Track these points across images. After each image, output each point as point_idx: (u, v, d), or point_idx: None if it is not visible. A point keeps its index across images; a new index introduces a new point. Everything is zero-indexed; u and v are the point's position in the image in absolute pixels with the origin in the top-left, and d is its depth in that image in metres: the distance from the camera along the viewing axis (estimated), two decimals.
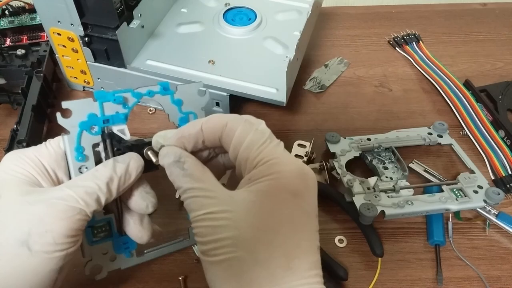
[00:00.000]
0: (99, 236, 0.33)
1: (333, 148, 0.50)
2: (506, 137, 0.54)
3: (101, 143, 0.31)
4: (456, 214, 0.47)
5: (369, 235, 0.44)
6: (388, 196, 0.44)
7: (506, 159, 0.52)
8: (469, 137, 0.55)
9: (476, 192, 0.46)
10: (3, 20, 0.62)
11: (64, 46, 0.53)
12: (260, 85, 0.52)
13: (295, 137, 0.55)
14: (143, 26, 0.55)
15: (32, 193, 0.28)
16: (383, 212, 0.43)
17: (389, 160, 0.50)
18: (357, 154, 0.50)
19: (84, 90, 0.60)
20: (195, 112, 0.33)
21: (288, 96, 0.51)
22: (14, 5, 0.62)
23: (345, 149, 0.50)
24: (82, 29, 0.50)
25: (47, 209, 0.26)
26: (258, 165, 0.27)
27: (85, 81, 0.58)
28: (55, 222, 0.26)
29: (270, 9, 0.63)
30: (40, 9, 0.50)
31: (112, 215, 0.33)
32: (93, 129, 0.30)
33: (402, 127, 0.55)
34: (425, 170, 0.51)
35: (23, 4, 0.63)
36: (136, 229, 0.32)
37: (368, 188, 0.45)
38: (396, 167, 0.49)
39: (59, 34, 0.52)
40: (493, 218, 0.46)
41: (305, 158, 0.52)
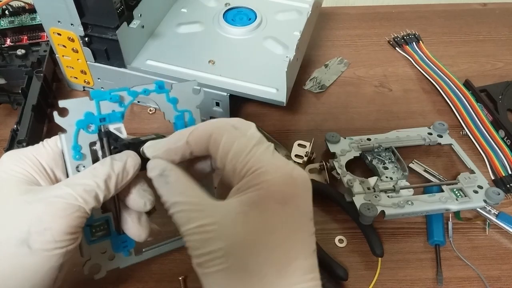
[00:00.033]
0: (97, 235, 0.33)
1: (333, 148, 0.51)
2: (506, 137, 0.54)
3: (98, 142, 0.31)
4: (456, 214, 0.47)
5: (369, 235, 0.44)
6: (388, 196, 0.44)
7: (506, 159, 0.52)
8: (469, 137, 0.55)
9: (476, 192, 0.46)
10: (3, 20, 0.62)
11: (64, 46, 0.53)
12: (260, 85, 0.52)
13: (295, 137, 0.55)
14: (143, 26, 0.55)
15: (31, 192, 0.28)
16: (383, 212, 0.43)
17: (389, 160, 0.50)
18: (357, 154, 0.50)
19: (84, 90, 0.60)
20: (190, 110, 0.34)
21: (288, 96, 0.51)
22: (14, 5, 0.62)
23: (345, 149, 0.50)
24: (82, 29, 0.50)
25: (46, 207, 0.26)
26: (245, 176, 0.26)
27: (85, 81, 0.58)
28: (55, 220, 0.26)
29: (270, 9, 0.63)
30: (40, 9, 0.50)
31: (110, 214, 0.33)
32: (90, 127, 0.30)
33: (402, 127, 0.55)
34: (425, 170, 0.51)
35: (23, 4, 0.63)
36: (134, 227, 0.32)
37: (368, 188, 0.45)
38: (396, 167, 0.49)
39: (59, 34, 0.52)
40: (493, 218, 0.46)
41: (305, 158, 0.52)
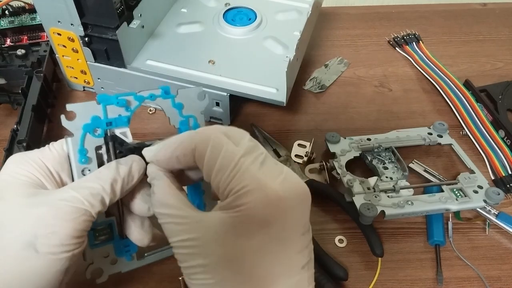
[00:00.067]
0: (100, 239, 0.33)
1: (333, 148, 0.51)
2: (506, 137, 0.54)
3: (104, 146, 0.31)
4: (456, 214, 0.47)
5: (369, 235, 0.44)
6: (388, 196, 0.44)
7: (506, 159, 0.52)
8: (469, 137, 0.55)
9: (476, 192, 0.46)
10: (3, 20, 0.61)
11: (64, 46, 0.53)
12: (260, 85, 0.52)
13: (295, 137, 0.55)
14: (143, 26, 0.55)
15: (37, 195, 0.28)
16: (383, 212, 0.43)
17: (389, 160, 0.50)
18: (357, 154, 0.50)
19: (84, 90, 0.60)
20: (195, 115, 0.34)
21: (288, 96, 0.51)
22: (14, 5, 0.62)
23: (345, 149, 0.50)
24: (82, 29, 0.50)
25: (53, 211, 0.27)
26: (228, 196, 0.25)
27: (85, 81, 0.58)
28: (61, 224, 0.26)
29: (270, 9, 0.63)
30: (40, 9, 0.50)
31: (113, 218, 0.33)
32: (96, 131, 0.30)
33: (402, 127, 0.55)
34: (425, 170, 0.51)
35: (23, 4, 0.63)
36: (137, 232, 0.32)
37: (368, 188, 0.45)
38: (396, 167, 0.49)
39: (59, 34, 0.52)
40: (493, 218, 0.46)
41: (305, 158, 0.52)
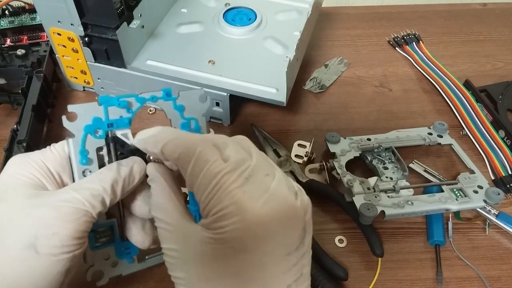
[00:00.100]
0: (101, 241, 0.33)
1: (333, 148, 0.51)
2: (506, 137, 0.54)
3: (105, 147, 0.31)
4: (456, 214, 0.47)
5: (369, 235, 0.44)
6: (388, 196, 0.44)
7: (506, 159, 0.52)
8: (469, 137, 0.55)
9: (476, 192, 0.46)
10: (3, 20, 0.61)
11: (64, 46, 0.53)
12: (260, 85, 0.52)
13: (295, 137, 0.55)
14: (143, 26, 0.55)
15: (38, 196, 0.28)
16: (383, 212, 0.43)
17: (389, 160, 0.50)
18: (357, 154, 0.50)
19: (84, 90, 0.60)
20: (196, 118, 0.34)
21: (288, 96, 0.51)
22: (14, 5, 0.62)
23: (345, 149, 0.50)
24: (82, 29, 0.50)
25: (54, 212, 0.26)
26: (208, 216, 0.25)
27: (85, 81, 0.58)
28: (62, 225, 0.26)
29: (270, 9, 0.63)
30: (40, 9, 0.50)
31: (114, 220, 0.33)
32: (98, 132, 0.30)
33: (402, 127, 0.55)
34: (425, 170, 0.51)
35: (23, 4, 0.63)
36: (138, 234, 0.32)
37: (368, 188, 0.45)
38: (396, 167, 0.49)
39: (59, 34, 0.52)
40: (493, 218, 0.46)
41: (305, 158, 0.52)
